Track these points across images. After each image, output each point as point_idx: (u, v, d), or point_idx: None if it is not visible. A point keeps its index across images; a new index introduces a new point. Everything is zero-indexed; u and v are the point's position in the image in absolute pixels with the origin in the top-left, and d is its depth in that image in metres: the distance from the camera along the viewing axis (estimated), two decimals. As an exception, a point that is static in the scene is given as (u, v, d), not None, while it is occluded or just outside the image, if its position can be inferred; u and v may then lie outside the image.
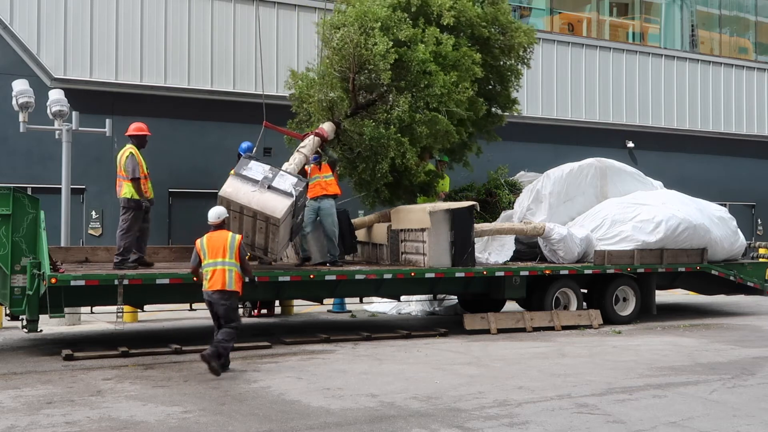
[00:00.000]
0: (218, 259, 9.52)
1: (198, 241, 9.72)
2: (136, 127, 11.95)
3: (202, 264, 9.65)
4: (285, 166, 12.43)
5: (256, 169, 11.54)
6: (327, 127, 13.17)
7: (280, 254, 11.71)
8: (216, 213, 9.82)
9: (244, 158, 11.85)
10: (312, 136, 12.88)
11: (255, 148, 13.08)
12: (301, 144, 12.88)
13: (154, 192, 12.33)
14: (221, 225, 9.78)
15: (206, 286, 9.56)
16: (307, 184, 11.79)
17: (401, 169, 13.51)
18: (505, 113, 16.29)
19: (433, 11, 14.06)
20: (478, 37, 14.67)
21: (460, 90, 13.43)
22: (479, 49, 14.44)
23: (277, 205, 11.00)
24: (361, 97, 13.51)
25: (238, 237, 9.76)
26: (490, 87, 15.69)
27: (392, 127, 13.06)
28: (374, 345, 11.80)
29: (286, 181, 11.38)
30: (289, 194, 11.19)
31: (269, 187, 11.26)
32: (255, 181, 11.33)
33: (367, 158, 13.26)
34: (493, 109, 16.06)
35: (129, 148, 11.67)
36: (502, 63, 15.49)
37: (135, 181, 11.46)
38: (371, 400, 8.05)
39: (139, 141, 11.90)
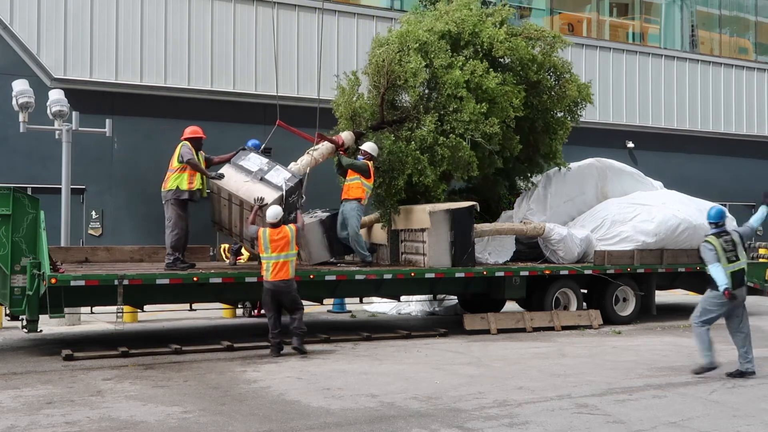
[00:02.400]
0: (281, 254, 10.41)
1: (261, 232, 10.49)
2: (191, 130, 11.82)
3: (262, 255, 10.50)
4: (291, 165, 12.44)
5: (254, 161, 11.58)
6: (345, 136, 13.20)
7: None
8: (273, 213, 10.52)
9: (245, 150, 11.80)
10: (324, 141, 12.86)
11: (262, 146, 12.98)
12: (313, 147, 12.89)
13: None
14: (279, 223, 10.51)
15: (270, 276, 10.42)
16: (301, 181, 11.67)
17: (420, 188, 13.32)
18: (547, 164, 15.37)
19: (483, 42, 13.82)
20: (527, 80, 14.31)
21: (489, 123, 13.13)
22: (527, 90, 14.10)
23: (264, 197, 10.99)
24: (388, 114, 13.51)
25: (294, 228, 10.65)
26: (535, 135, 14.93)
27: (412, 143, 12.97)
28: (374, 345, 11.80)
29: (280, 175, 11.36)
30: (279, 188, 11.14)
31: (261, 179, 11.27)
32: (249, 172, 11.38)
33: (384, 173, 13.19)
34: (538, 160, 15.32)
35: (185, 143, 11.63)
36: (550, 111, 14.93)
37: (190, 161, 11.34)
38: (371, 400, 8.05)
39: (196, 143, 11.77)
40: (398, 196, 13.26)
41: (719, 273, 9.24)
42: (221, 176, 11.46)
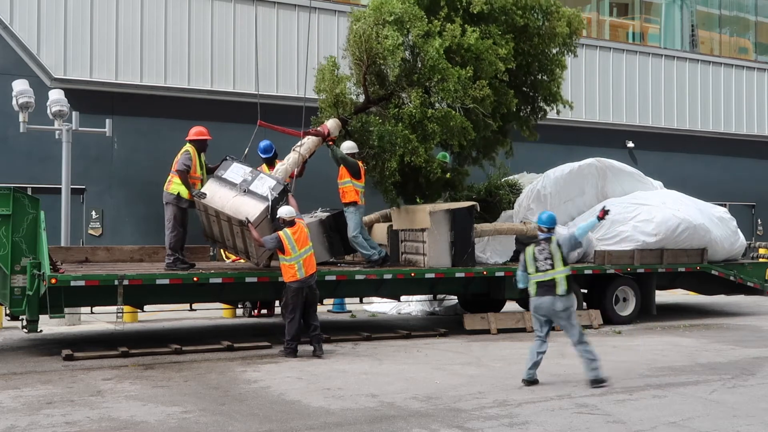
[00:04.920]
0: (305, 248, 10.56)
1: (283, 235, 10.42)
2: (196, 131, 11.76)
3: (289, 257, 10.45)
4: (278, 165, 12.19)
5: (237, 171, 11.28)
6: (330, 124, 12.79)
7: (261, 259, 11.45)
8: (287, 211, 10.61)
9: (227, 160, 11.51)
10: (309, 136, 12.52)
11: (274, 150, 12.79)
12: (299, 142, 12.52)
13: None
14: (293, 220, 10.62)
15: (303, 274, 10.50)
16: (286, 187, 11.37)
17: (417, 166, 12.96)
18: (549, 107, 15.13)
19: None
20: (514, 26, 13.81)
21: (477, 86, 12.75)
22: (515, 37, 13.63)
23: (250, 210, 10.79)
24: (372, 93, 13.16)
25: (303, 221, 10.85)
26: (532, 78, 14.60)
27: (401, 123, 12.69)
28: (374, 345, 11.80)
29: (264, 184, 11.12)
30: (265, 198, 10.95)
31: (246, 191, 11.02)
32: (233, 185, 11.12)
33: (376, 156, 12.90)
34: (539, 104, 15.01)
35: (187, 147, 11.60)
36: (544, 52, 14.35)
37: (181, 173, 11.33)
38: (371, 400, 8.05)
39: (200, 145, 11.70)
40: (393, 178, 13.00)
41: (518, 277, 9.31)
42: (203, 195, 11.20)
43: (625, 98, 25.81)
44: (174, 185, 11.46)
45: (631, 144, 25.71)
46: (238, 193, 11.07)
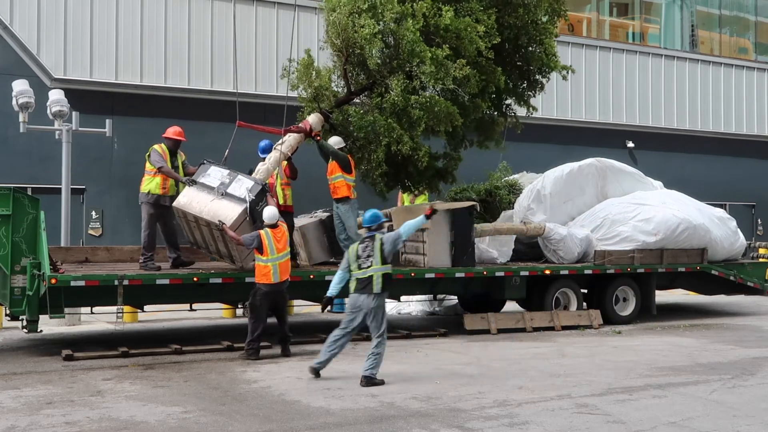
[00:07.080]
0: (281, 254, 10.45)
1: (264, 235, 10.35)
2: (174, 131, 11.74)
3: (266, 258, 10.36)
4: (260, 165, 12.01)
5: (214, 175, 11.16)
6: (312, 119, 12.49)
7: (246, 261, 11.29)
8: (271, 214, 10.53)
9: (204, 165, 11.39)
10: (291, 133, 12.26)
11: (276, 147, 12.68)
12: (280, 140, 12.25)
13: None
14: (276, 222, 10.55)
15: (277, 278, 10.43)
16: (264, 188, 11.20)
17: (408, 154, 12.62)
18: (546, 78, 14.68)
19: None
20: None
21: (457, 66, 12.28)
22: (499, 11, 13.28)
23: (228, 213, 10.69)
24: (355, 83, 12.93)
25: (285, 226, 10.75)
26: (523, 51, 14.15)
27: (384, 113, 12.37)
28: (374, 345, 11.78)
29: (242, 186, 10.99)
30: (243, 200, 10.84)
31: (223, 194, 10.91)
32: (211, 188, 11.00)
33: (361, 147, 12.68)
34: (534, 77, 14.57)
35: (155, 146, 11.59)
36: (532, 22, 13.86)
37: (161, 169, 11.33)
38: (371, 400, 8.05)
39: (172, 144, 11.66)
40: (381, 169, 12.75)
41: (333, 280, 9.35)
42: (192, 183, 11.13)
43: (625, 98, 25.82)
44: (145, 184, 11.48)
45: (631, 144, 25.73)
46: (215, 197, 10.93)
